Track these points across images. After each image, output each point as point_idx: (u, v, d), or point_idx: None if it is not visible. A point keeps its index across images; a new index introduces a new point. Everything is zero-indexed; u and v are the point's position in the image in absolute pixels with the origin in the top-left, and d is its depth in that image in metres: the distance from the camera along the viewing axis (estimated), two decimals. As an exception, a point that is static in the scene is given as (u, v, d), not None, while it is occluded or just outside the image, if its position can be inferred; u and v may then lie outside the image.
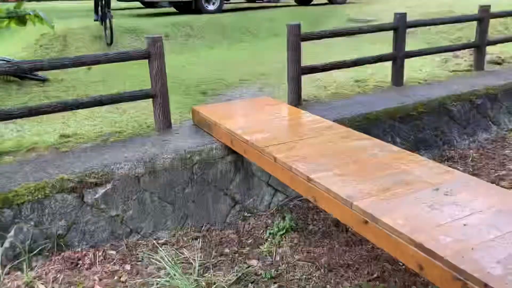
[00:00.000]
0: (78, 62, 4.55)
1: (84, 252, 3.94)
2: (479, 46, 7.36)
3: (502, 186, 4.78)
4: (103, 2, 9.28)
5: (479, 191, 2.91)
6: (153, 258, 3.91)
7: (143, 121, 5.44)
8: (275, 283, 3.61)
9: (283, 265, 3.83)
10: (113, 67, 8.83)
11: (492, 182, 4.91)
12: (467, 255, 2.24)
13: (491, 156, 5.74)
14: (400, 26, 6.37)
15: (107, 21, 9.14)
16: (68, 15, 13.27)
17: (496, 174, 5.24)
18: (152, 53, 4.81)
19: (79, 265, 3.80)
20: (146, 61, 4.93)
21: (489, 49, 8.55)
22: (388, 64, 6.94)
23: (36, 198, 3.89)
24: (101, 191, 4.12)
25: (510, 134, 6.31)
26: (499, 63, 7.97)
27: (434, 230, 2.47)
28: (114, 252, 4.00)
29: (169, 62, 9.17)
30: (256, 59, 9.53)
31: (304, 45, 5.67)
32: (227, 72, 8.27)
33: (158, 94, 4.92)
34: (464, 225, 2.51)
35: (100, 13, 9.54)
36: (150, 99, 5.06)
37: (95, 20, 9.82)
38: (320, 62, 6.08)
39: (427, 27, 10.94)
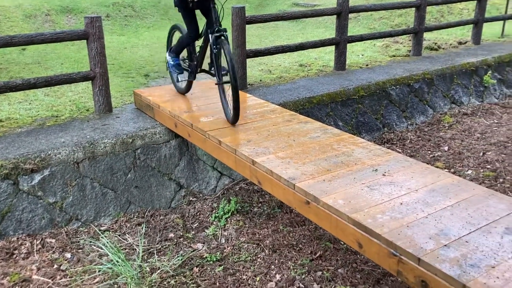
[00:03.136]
0: (10, 42, 4.29)
1: (20, 242, 3.77)
2: (417, 32, 7.64)
3: (436, 167, 5.02)
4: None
5: (415, 172, 3.04)
6: (94, 245, 3.80)
7: (82, 104, 5.24)
8: (220, 265, 3.62)
9: (229, 248, 3.85)
10: (49, 48, 8.45)
11: (428, 163, 5.16)
12: (403, 232, 2.34)
13: (427, 138, 6.01)
14: (343, 11, 6.48)
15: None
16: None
17: (431, 155, 5.50)
18: (91, 34, 4.61)
19: (15, 255, 3.63)
20: (85, 42, 4.72)
21: (426, 35, 8.90)
22: (332, 49, 7.06)
23: (-35, 186, 3.67)
24: (37, 177, 3.94)
25: (445, 117, 6.62)
26: (435, 49, 8.32)
27: (372, 209, 2.56)
28: (53, 240, 3.86)
29: (110, 44, 8.90)
30: (200, 41, 9.39)
31: (249, 28, 5.65)
32: (171, 55, 8.11)
33: (97, 76, 4.74)
34: (401, 203, 2.62)
35: (194, 67, 4.69)
36: (89, 82, 4.87)
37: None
38: (265, 46, 6.09)
39: (369, 13, 11.23)
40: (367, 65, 7.17)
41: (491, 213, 2.50)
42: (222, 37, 3.92)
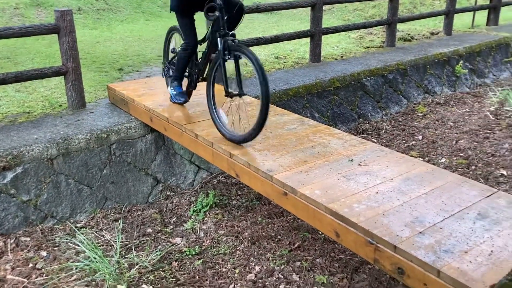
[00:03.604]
0: (-24, 36, 4.17)
1: (-7, 241, 3.69)
2: (390, 24, 7.72)
3: (411, 156, 5.11)
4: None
5: (390, 161, 3.08)
6: (71, 243, 3.74)
7: (55, 100, 5.13)
8: (199, 259, 3.61)
9: (207, 241, 3.85)
10: (19, 42, 8.23)
11: (403, 152, 5.24)
12: (379, 220, 2.37)
13: (402, 128, 6.10)
14: (317, 3, 6.50)
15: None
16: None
17: (406, 145, 5.59)
18: (62, 28, 4.51)
19: (-12, 255, 3.55)
20: (56, 36, 4.61)
21: (399, 26, 9.01)
22: (307, 41, 7.08)
23: None
24: (10, 175, 3.85)
25: (419, 106, 6.73)
26: (408, 40, 8.43)
27: (349, 199, 2.58)
28: (28, 239, 3.78)
29: (82, 38, 8.72)
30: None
31: (224, 20, 5.60)
32: (144, 48, 8.01)
33: (70, 71, 4.65)
34: (376, 192, 2.66)
35: (195, 76, 4.15)
36: (62, 77, 4.77)
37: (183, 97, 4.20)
38: (241, 38, 6.06)
39: (343, 4, 11.30)
40: (342, 56, 7.22)
41: (463, 199, 2.55)
42: (235, 42, 3.34)
